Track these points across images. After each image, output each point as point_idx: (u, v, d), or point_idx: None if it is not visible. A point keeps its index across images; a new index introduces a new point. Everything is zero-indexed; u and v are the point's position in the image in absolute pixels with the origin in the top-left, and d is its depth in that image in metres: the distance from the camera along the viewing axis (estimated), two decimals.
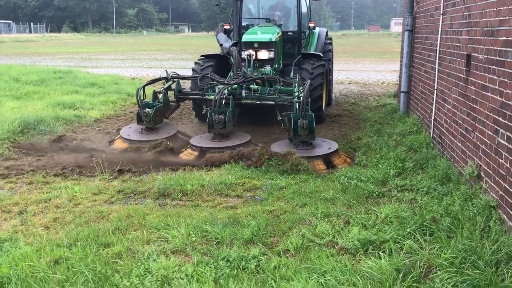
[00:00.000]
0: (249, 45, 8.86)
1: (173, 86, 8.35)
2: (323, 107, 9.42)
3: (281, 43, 9.39)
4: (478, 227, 4.08)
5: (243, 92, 7.78)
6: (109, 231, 4.37)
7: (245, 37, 8.99)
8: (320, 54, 9.59)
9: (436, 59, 7.16)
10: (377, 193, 5.29)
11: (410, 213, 4.51)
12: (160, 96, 8.12)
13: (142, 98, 7.98)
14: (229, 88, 7.57)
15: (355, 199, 5.09)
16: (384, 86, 15.39)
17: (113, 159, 6.66)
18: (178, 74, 8.62)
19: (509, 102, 4.23)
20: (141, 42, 56.16)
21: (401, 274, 3.36)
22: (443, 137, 6.61)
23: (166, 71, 8.52)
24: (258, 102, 7.75)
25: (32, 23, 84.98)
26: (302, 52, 9.63)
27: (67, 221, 4.77)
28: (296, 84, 7.70)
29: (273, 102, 7.43)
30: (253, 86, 8.10)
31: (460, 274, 3.27)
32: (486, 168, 4.81)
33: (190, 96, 8.64)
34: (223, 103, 7.27)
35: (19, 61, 25.00)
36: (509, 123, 4.21)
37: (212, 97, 7.41)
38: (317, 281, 3.29)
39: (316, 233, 4.26)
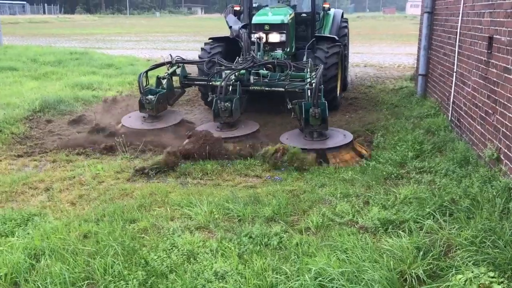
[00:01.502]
0: (260, 27, 8.37)
1: (178, 71, 7.89)
2: (338, 94, 8.99)
3: (293, 25, 8.89)
4: (497, 208, 4.11)
5: (252, 78, 7.35)
6: (134, 207, 4.49)
7: (255, 19, 8.51)
8: (335, 37, 9.03)
9: (456, 42, 7.11)
10: (395, 174, 5.33)
11: (429, 194, 4.55)
12: (164, 82, 7.66)
13: (144, 84, 7.48)
14: (236, 73, 7.16)
15: (374, 180, 5.15)
16: (400, 69, 15.28)
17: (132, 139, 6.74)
18: (183, 58, 8.21)
19: None
20: (154, 23, 56.06)
21: (421, 252, 3.43)
22: (461, 120, 6.60)
23: (171, 55, 8.06)
24: (267, 89, 7.29)
25: (46, 4, 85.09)
26: (316, 35, 9.13)
27: (92, 198, 4.91)
28: (308, 70, 7.14)
29: (283, 89, 7.00)
30: (263, 72, 7.62)
31: (480, 253, 3.32)
32: (506, 150, 4.82)
33: (196, 82, 8.21)
34: (230, 89, 6.88)
35: (35, 42, 25.17)
36: None
37: (218, 83, 7.00)
38: (339, 258, 3.37)
39: (336, 212, 4.33)
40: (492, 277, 2.99)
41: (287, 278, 3.15)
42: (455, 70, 7.09)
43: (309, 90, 6.46)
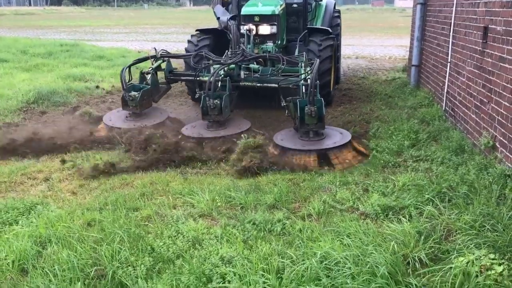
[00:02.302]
0: (249, 18, 7.99)
1: (164, 65, 7.50)
2: (331, 85, 8.67)
3: (284, 16, 8.52)
4: (494, 194, 4.19)
5: (242, 73, 6.93)
6: (136, 196, 4.51)
7: (245, 10, 8.13)
8: (329, 29, 8.61)
9: (450, 32, 7.19)
10: (393, 163, 5.41)
11: (427, 181, 4.63)
12: (148, 77, 7.22)
13: (127, 79, 7.06)
14: (225, 68, 6.77)
15: (372, 168, 5.22)
16: (391, 60, 15.38)
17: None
18: (169, 52, 7.83)
19: None
20: (143, 15, 55.58)
21: (422, 237, 3.49)
22: (456, 109, 6.69)
23: (155, 49, 7.68)
24: (258, 84, 6.89)
25: None
26: (308, 26, 8.77)
27: (92, 187, 4.92)
28: (303, 64, 6.72)
29: (277, 85, 6.55)
30: (254, 66, 7.26)
31: (480, 237, 3.40)
32: (501, 138, 4.91)
33: (183, 78, 7.80)
34: (219, 85, 6.51)
35: (22, 34, 24.85)
36: None
37: (206, 78, 6.59)
38: (343, 242, 3.43)
39: (336, 200, 4.40)
40: (493, 259, 3.07)
41: (293, 262, 3.20)
42: (449, 61, 7.17)
43: (304, 86, 6.09)
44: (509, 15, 4.86)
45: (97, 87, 10.21)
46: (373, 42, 21.71)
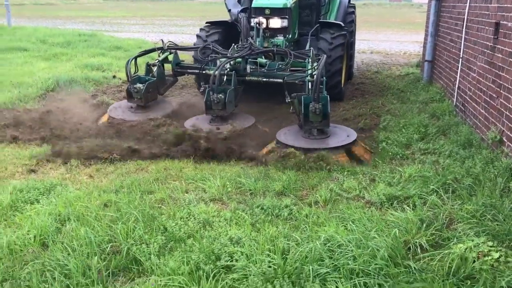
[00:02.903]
0: (260, 11, 7.75)
1: (171, 58, 7.35)
2: (342, 84, 8.41)
3: (297, 9, 8.33)
4: (498, 187, 4.28)
5: (248, 67, 6.74)
6: (150, 180, 4.70)
7: (255, 2, 7.90)
8: (341, 23, 8.44)
9: (463, 28, 7.23)
10: (401, 155, 5.51)
11: (433, 173, 4.73)
12: (154, 69, 7.11)
13: (133, 71, 7.03)
14: (232, 62, 6.57)
15: (380, 159, 5.34)
16: (406, 56, 15.36)
17: None
18: (176, 44, 7.69)
19: None
20: (160, 7, 55.86)
21: (424, 224, 3.62)
22: (466, 104, 6.75)
23: (162, 40, 7.55)
24: (264, 79, 6.72)
25: None
26: (320, 20, 8.56)
27: (108, 171, 5.11)
28: (310, 60, 6.52)
29: (281, 81, 6.36)
30: (261, 60, 7.10)
31: (481, 225, 3.51)
32: (508, 133, 4.99)
33: (189, 70, 7.57)
34: (224, 79, 6.38)
35: (42, 24, 25.25)
36: None
37: (212, 72, 6.41)
38: (347, 227, 3.57)
39: (343, 188, 4.53)
40: (491, 246, 3.18)
41: (298, 244, 3.35)
42: (461, 56, 7.22)
43: (309, 83, 5.96)
44: None
45: (114, 76, 10.41)
46: (389, 38, 21.64)
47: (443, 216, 3.79)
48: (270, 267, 3.08)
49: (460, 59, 7.24)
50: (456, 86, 7.37)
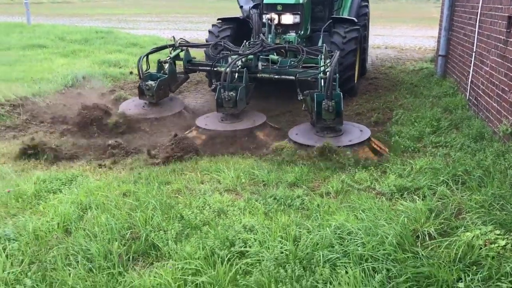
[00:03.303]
0: (272, 7, 7.69)
1: (182, 55, 7.32)
2: (355, 79, 8.30)
3: (309, 5, 8.27)
4: (508, 178, 4.34)
5: (260, 64, 6.66)
6: (167, 172, 4.86)
7: None
8: (354, 19, 8.34)
9: (476, 22, 7.24)
10: (412, 148, 5.59)
11: (443, 165, 4.81)
12: (166, 66, 7.11)
13: (145, 68, 7.04)
14: (243, 59, 6.49)
15: (392, 152, 5.42)
16: (421, 51, 15.30)
17: None
18: (187, 41, 7.65)
19: None
20: (174, 4, 56.02)
21: (433, 214, 3.71)
22: (479, 98, 6.78)
23: (174, 38, 7.53)
24: (276, 76, 6.63)
25: None
26: (333, 16, 8.47)
27: (127, 163, 5.28)
28: (323, 56, 6.42)
29: (294, 78, 6.23)
30: (273, 57, 7.04)
31: (489, 215, 3.59)
32: None
33: (201, 68, 7.53)
34: (236, 77, 6.30)
35: (60, 22, 25.65)
36: None
37: (223, 69, 6.34)
38: (357, 216, 3.68)
39: (355, 180, 4.63)
40: (498, 234, 3.26)
41: (309, 232, 3.47)
42: (474, 50, 7.24)
43: (322, 80, 5.88)
44: None
45: (131, 73, 10.61)
46: (404, 33, 21.51)
47: (452, 206, 3.88)
48: (282, 253, 3.20)
49: (473, 53, 7.25)
50: (469, 80, 7.39)
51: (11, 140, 6.09)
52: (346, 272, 2.94)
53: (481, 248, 3.11)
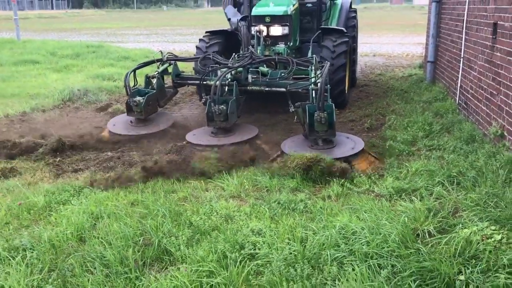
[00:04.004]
0: (260, 19, 7.68)
1: (170, 69, 7.19)
2: (346, 91, 8.23)
3: (297, 16, 8.25)
4: (500, 178, 4.54)
5: (250, 76, 6.57)
6: (171, 181, 4.99)
7: (255, 10, 7.80)
8: (343, 29, 8.29)
9: (463, 29, 7.51)
10: (407, 151, 5.78)
11: (438, 167, 5.00)
12: (154, 81, 6.98)
13: (132, 84, 6.90)
14: (233, 72, 6.45)
15: (388, 156, 5.61)
16: (409, 58, 15.64)
17: None
18: (176, 56, 7.53)
19: None
20: (162, 17, 56.46)
21: (432, 213, 3.89)
22: (468, 102, 7.02)
23: (161, 52, 7.42)
24: (267, 89, 6.54)
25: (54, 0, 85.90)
26: (322, 27, 8.41)
27: (131, 175, 5.39)
28: (313, 67, 6.38)
29: (284, 90, 6.22)
30: (263, 69, 6.94)
31: (484, 212, 3.78)
32: (509, 127, 5.26)
33: (190, 82, 7.42)
34: (226, 90, 6.26)
35: (48, 37, 25.74)
36: None
37: (213, 82, 6.22)
38: (359, 217, 3.85)
39: (354, 183, 4.81)
40: (494, 230, 3.45)
41: (315, 233, 3.63)
42: (462, 56, 7.50)
43: (313, 91, 5.80)
44: None
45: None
46: (392, 40, 21.95)
47: (449, 205, 4.06)
48: (290, 253, 3.36)
49: (461, 59, 7.52)
50: (458, 85, 7.64)
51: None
52: (353, 269, 3.10)
53: (478, 243, 3.29)
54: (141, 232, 3.72)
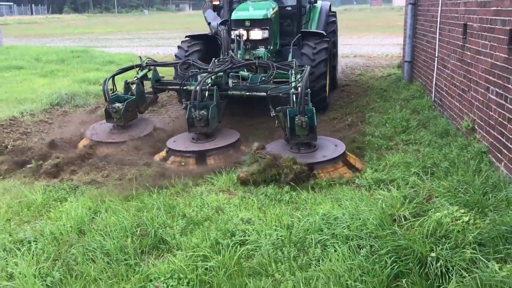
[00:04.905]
0: (240, 23, 7.69)
1: (150, 74, 7.14)
2: (327, 91, 8.27)
3: (277, 20, 8.30)
4: (471, 168, 4.90)
5: (230, 81, 6.58)
6: (162, 178, 5.23)
7: (235, 14, 7.83)
8: (323, 32, 8.39)
9: (436, 30, 7.91)
10: (385, 146, 6.12)
11: (414, 159, 5.35)
12: (133, 87, 6.93)
13: (112, 90, 6.91)
14: (213, 76, 6.46)
15: (367, 151, 5.94)
16: (388, 58, 16.10)
17: None
18: (155, 61, 7.49)
19: (498, 63, 5.02)
20: (144, 21, 56.43)
21: (407, 200, 4.20)
22: (443, 99, 7.41)
23: (140, 57, 7.34)
24: (247, 93, 6.55)
25: (33, 5, 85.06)
26: (302, 30, 8.51)
27: (120, 175, 5.57)
28: (293, 71, 6.38)
29: (265, 94, 6.23)
30: (243, 73, 6.95)
31: (455, 198, 4.11)
32: (479, 121, 5.63)
33: (169, 87, 7.38)
34: (206, 95, 6.22)
35: (30, 43, 25.66)
36: (498, 81, 5.01)
37: (193, 87, 6.19)
38: (341, 205, 4.15)
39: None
40: (463, 213, 3.78)
41: (300, 220, 3.92)
42: (436, 56, 7.89)
43: (294, 95, 5.80)
44: (482, 14, 5.58)
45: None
46: (371, 41, 22.44)
47: (423, 193, 4.39)
48: (278, 238, 3.64)
49: (436, 58, 7.91)
50: (434, 83, 8.03)
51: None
52: (335, 251, 3.40)
53: (448, 224, 3.61)
54: (137, 224, 3.97)
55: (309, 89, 5.83)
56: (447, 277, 3.07)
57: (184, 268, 3.27)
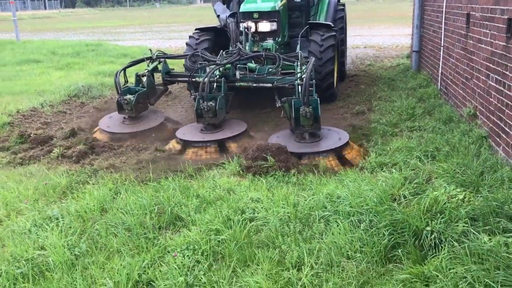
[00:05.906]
0: (248, 15, 7.80)
1: (160, 67, 7.36)
2: (335, 84, 8.36)
3: (286, 12, 8.38)
4: (471, 152, 5.12)
5: (238, 73, 6.69)
6: (178, 162, 5.55)
7: (243, 7, 7.94)
8: (331, 23, 8.42)
9: (442, 19, 8.09)
10: (390, 132, 6.36)
11: (417, 144, 5.58)
12: (144, 79, 7.16)
13: (124, 82, 7.12)
14: (221, 68, 6.58)
15: (372, 137, 6.19)
16: (398, 49, 16.22)
17: None
18: (165, 53, 7.67)
19: (497, 51, 5.23)
20: (156, 14, 56.80)
21: (408, 181, 4.45)
22: (448, 87, 7.61)
23: (151, 50, 7.58)
24: (254, 84, 6.69)
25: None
26: (309, 22, 8.60)
27: (139, 160, 5.92)
28: (299, 63, 6.54)
29: (271, 85, 6.43)
30: (251, 65, 7.05)
31: (452, 178, 4.35)
32: (480, 107, 5.84)
33: (179, 79, 7.59)
34: (214, 87, 6.40)
35: (44, 37, 26.14)
36: (497, 68, 5.22)
37: (201, 79, 6.36)
38: (344, 185, 4.43)
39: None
40: (458, 192, 4.02)
41: (305, 199, 4.21)
42: (442, 45, 8.08)
43: (299, 86, 5.94)
44: (483, 3, 5.77)
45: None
46: (382, 32, 22.50)
47: (423, 175, 4.63)
48: (285, 215, 3.93)
49: (442, 47, 8.09)
50: (440, 72, 8.22)
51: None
52: (337, 225, 3.68)
53: (444, 202, 3.86)
54: (155, 203, 4.28)
55: (314, 80, 5.96)
56: (440, 247, 3.33)
57: (198, 241, 3.58)
